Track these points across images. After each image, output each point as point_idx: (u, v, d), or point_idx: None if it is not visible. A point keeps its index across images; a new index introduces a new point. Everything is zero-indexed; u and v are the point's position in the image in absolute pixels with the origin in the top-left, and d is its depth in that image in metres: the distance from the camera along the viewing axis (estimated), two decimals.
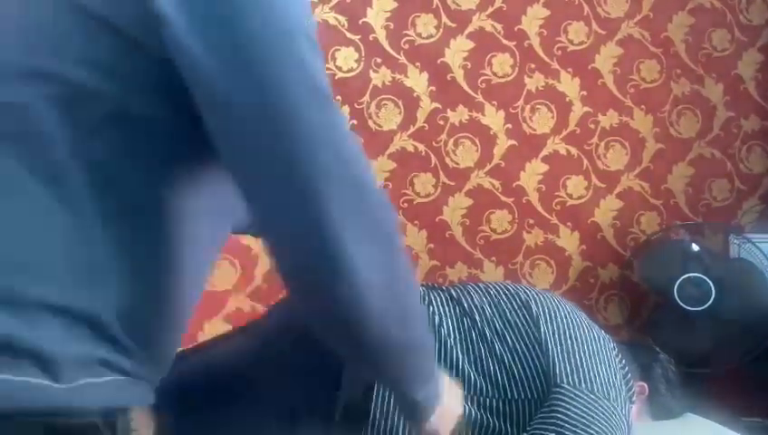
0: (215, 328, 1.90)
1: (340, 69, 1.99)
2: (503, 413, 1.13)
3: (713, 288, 1.79)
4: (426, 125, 2.02)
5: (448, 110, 2.03)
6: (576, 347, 1.14)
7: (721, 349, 1.83)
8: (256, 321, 1.37)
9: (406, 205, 2.01)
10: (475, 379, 1.14)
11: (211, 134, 0.58)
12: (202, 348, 1.40)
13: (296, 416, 1.15)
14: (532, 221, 2.06)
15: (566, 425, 1.02)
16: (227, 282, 1.94)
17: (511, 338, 1.18)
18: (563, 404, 1.05)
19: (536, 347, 1.15)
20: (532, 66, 2.06)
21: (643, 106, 2.10)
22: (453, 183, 2.03)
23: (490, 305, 1.24)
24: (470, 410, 1.12)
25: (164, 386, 1.21)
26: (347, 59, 2.00)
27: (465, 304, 1.24)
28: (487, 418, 1.13)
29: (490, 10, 2.04)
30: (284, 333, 1.21)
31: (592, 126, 2.08)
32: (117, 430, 0.58)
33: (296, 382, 1.15)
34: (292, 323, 1.22)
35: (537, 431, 1.04)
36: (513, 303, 1.24)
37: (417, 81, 2.02)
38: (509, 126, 2.05)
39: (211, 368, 1.21)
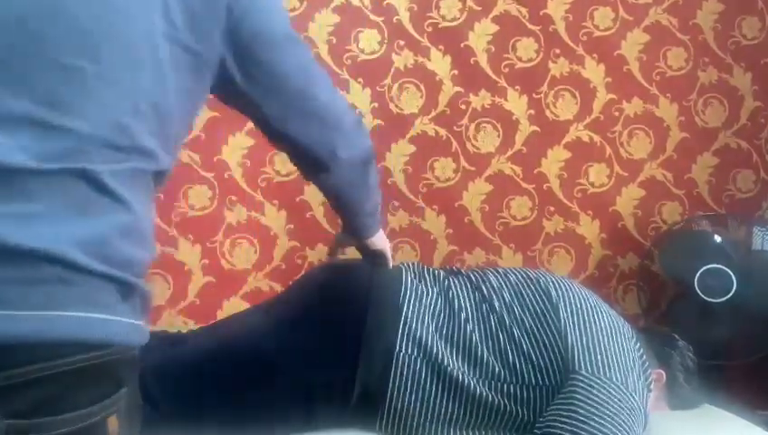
0: (233, 307, 1.92)
1: (362, 51, 1.98)
2: (520, 398, 1.13)
3: (734, 280, 1.77)
4: (447, 109, 2.01)
5: (471, 94, 2.01)
6: (595, 334, 1.14)
7: (740, 341, 1.81)
8: (274, 300, 1.38)
9: (425, 189, 2.01)
10: (493, 364, 1.14)
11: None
12: (221, 325, 1.42)
13: (313, 396, 1.16)
14: (552, 208, 2.04)
15: (583, 412, 1.02)
16: (246, 261, 1.95)
17: (530, 324, 1.18)
18: (581, 391, 1.05)
19: (555, 334, 1.15)
20: (557, 51, 2.03)
21: (669, 94, 2.06)
22: (473, 168, 2.02)
23: (509, 291, 1.23)
24: (488, 394, 1.13)
25: (184, 362, 1.23)
26: (370, 41, 1.99)
27: (485, 290, 1.24)
28: (505, 403, 1.13)
29: None
30: (302, 313, 1.22)
31: (616, 113, 2.06)
32: (137, 359, 0.78)
33: (314, 363, 1.16)
34: (309, 304, 1.23)
35: (554, 417, 1.04)
36: (533, 289, 1.23)
37: (440, 64, 2.00)
38: (532, 112, 2.03)
39: (229, 345, 1.22)
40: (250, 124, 1.94)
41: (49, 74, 0.70)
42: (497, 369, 1.14)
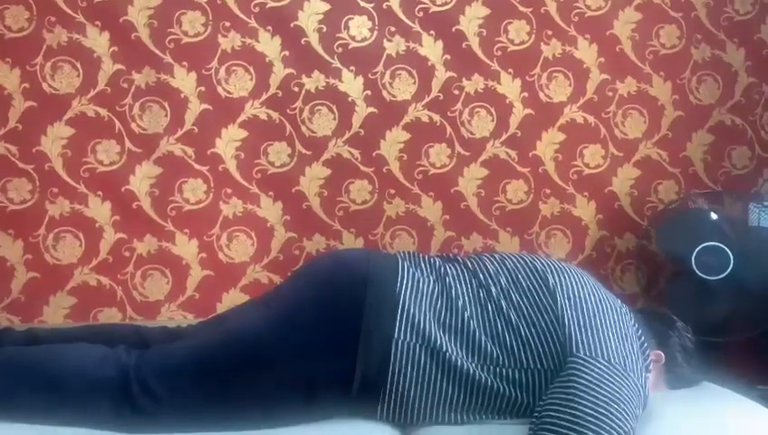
0: (232, 299, 1.92)
1: (353, 38, 1.97)
2: (519, 382, 1.14)
3: (731, 257, 1.78)
4: (440, 95, 2.00)
5: (463, 79, 2.00)
6: (592, 317, 1.14)
7: (738, 318, 1.82)
8: (274, 292, 1.38)
9: (420, 176, 2.00)
10: (491, 349, 1.15)
11: None
12: (221, 319, 1.42)
13: (313, 387, 1.16)
14: (548, 191, 2.04)
15: (582, 394, 1.02)
16: (245, 254, 1.96)
17: (527, 309, 1.18)
18: (580, 374, 1.05)
19: (553, 318, 1.16)
20: (549, 33, 2.02)
21: (662, 73, 2.06)
22: (468, 153, 2.01)
23: (506, 277, 1.24)
24: (487, 378, 1.13)
25: (184, 356, 1.23)
26: (360, 28, 1.97)
27: (482, 276, 1.24)
28: (504, 387, 1.14)
29: None
30: (301, 305, 1.22)
31: (610, 93, 2.05)
32: None
33: (314, 355, 1.17)
34: (308, 296, 1.23)
35: (553, 400, 1.04)
36: (530, 274, 1.23)
37: (432, 49, 1.99)
38: (525, 94, 2.02)
39: (230, 339, 1.22)
40: (242, 116, 1.95)
41: None
42: (495, 353, 1.15)
